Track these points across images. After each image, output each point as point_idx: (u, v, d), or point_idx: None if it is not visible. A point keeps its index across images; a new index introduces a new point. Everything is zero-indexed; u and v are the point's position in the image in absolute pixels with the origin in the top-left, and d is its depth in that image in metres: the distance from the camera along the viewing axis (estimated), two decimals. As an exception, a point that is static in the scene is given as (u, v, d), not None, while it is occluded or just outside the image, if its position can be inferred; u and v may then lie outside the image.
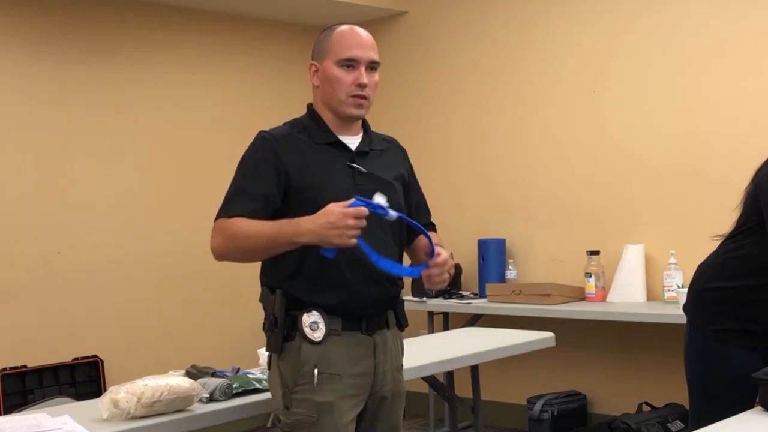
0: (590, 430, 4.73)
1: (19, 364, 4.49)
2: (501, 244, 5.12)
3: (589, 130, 4.88)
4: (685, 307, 2.68)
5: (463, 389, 4.66)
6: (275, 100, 5.58)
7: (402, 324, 2.43)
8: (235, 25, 5.47)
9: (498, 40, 5.23)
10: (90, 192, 4.84)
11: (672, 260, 4.38)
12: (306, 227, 2.09)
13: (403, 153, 2.53)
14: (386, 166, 2.40)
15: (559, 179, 4.98)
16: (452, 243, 5.26)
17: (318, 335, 2.22)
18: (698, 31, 4.50)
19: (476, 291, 5.11)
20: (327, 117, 2.35)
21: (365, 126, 2.42)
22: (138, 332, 4.94)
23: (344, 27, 2.35)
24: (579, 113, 4.92)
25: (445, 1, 5.45)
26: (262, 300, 2.34)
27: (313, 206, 2.15)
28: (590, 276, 4.63)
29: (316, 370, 2.21)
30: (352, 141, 2.36)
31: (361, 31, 2.35)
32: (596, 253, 4.65)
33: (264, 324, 2.31)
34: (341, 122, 2.34)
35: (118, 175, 4.95)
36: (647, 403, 4.58)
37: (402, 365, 2.45)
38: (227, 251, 2.22)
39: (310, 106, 2.40)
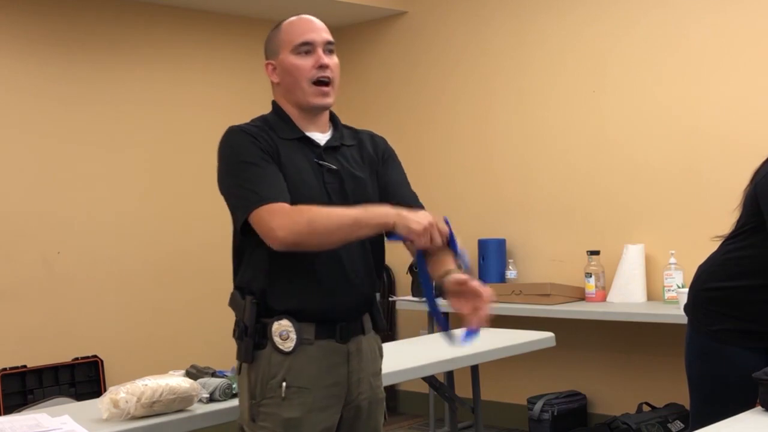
0: (590, 430, 4.74)
1: (19, 364, 4.50)
2: (501, 244, 5.12)
3: (590, 130, 4.87)
4: (686, 308, 2.68)
5: (463, 389, 4.66)
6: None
7: (379, 327, 2.33)
8: (236, 25, 5.47)
9: (498, 40, 5.23)
10: (90, 192, 4.84)
11: (672, 260, 4.38)
12: (393, 210, 2.06)
13: (376, 144, 2.35)
14: (358, 161, 2.27)
15: (560, 179, 4.98)
16: (452, 243, 5.26)
17: (289, 345, 2.12)
18: (699, 32, 4.50)
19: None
20: (292, 112, 2.23)
21: (335, 121, 2.31)
22: (138, 332, 4.94)
23: (291, 18, 2.26)
24: (579, 113, 4.91)
25: (444, 1, 5.45)
26: (231, 304, 2.22)
27: None
28: (590, 276, 4.63)
29: (284, 384, 2.11)
30: (321, 138, 2.24)
31: (310, 17, 2.26)
32: (596, 253, 4.65)
33: (234, 331, 2.20)
34: (307, 116, 2.22)
35: (118, 175, 4.95)
36: (647, 403, 4.58)
37: (380, 370, 2.34)
38: (300, 237, 2.02)
39: (274, 103, 2.28)
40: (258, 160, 2.12)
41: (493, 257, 5.06)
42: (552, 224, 5.03)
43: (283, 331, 2.12)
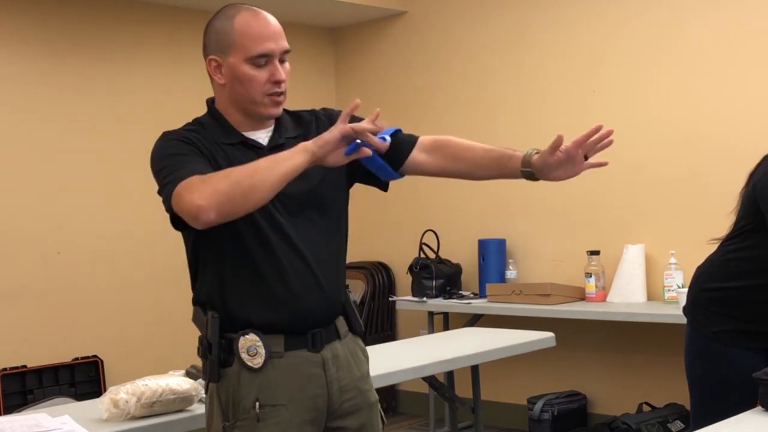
0: (590, 430, 4.74)
1: (19, 364, 4.49)
2: (501, 244, 5.12)
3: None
4: (685, 309, 2.68)
5: (463, 389, 4.66)
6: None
7: (356, 330, 2.14)
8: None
9: (497, 41, 5.23)
10: (90, 192, 4.84)
11: (672, 260, 4.38)
12: (305, 142, 1.90)
13: (321, 123, 2.11)
14: None
15: (559, 179, 4.97)
16: (452, 243, 5.27)
17: (258, 361, 1.96)
18: (699, 32, 4.50)
19: (476, 291, 5.11)
20: (234, 117, 2.04)
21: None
22: (138, 332, 4.94)
23: (245, 13, 2.00)
24: (579, 113, 4.91)
25: (444, 1, 5.45)
26: (194, 320, 2.06)
27: None
28: (590, 276, 4.63)
29: (257, 403, 1.95)
30: (263, 136, 2.04)
31: (267, 16, 2.01)
32: (596, 253, 4.65)
33: (198, 349, 2.05)
34: (251, 121, 2.04)
35: (118, 175, 4.94)
36: (647, 403, 4.58)
37: (367, 373, 2.15)
38: (223, 197, 1.80)
39: (210, 104, 2.10)
40: (183, 150, 1.95)
41: (493, 257, 5.06)
42: (552, 224, 5.03)
43: (251, 347, 1.96)
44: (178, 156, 1.94)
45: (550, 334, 3.86)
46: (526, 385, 5.06)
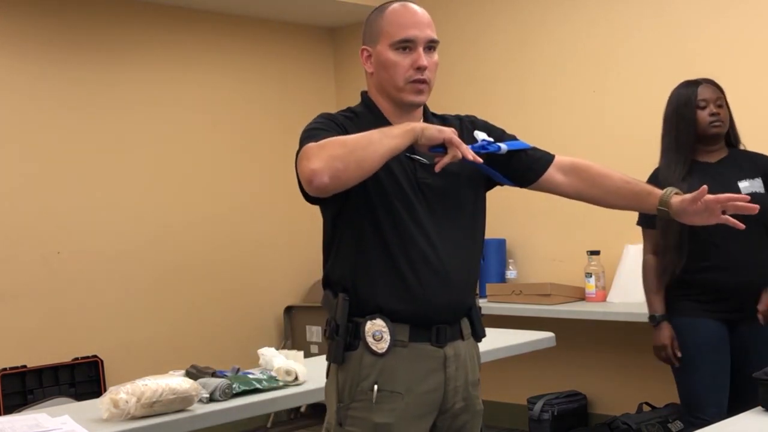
0: (590, 430, 4.74)
1: (19, 364, 4.50)
2: (501, 244, 5.12)
3: (590, 129, 4.87)
4: None
5: (463, 389, 4.66)
6: (276, 101, 5.59)
7: (479, 334, 2.18)
8: (237, 25, 5.47)
9: (499, 41, 5.23)
10: (90, 192, 4.84)
11: (672, 260, 4.38)
12: (416, 122, 1.98)
13: (463, 129, 2.19)
14: None
15: (559, 179, 4.98)
16: (452, 243, 5.26)
17: (382, 346, 1.99)
18: (700, 33, 4.50)
19: (476, 291, 5.10)
20: (383, 105, 2.11)
21: (425, 111, 2.18)
22: (138, 332, 4.94)
23: (396, 5, 2.11)
24: (579, 113, 4.92)
25: (446, 2, 5.45)
26: (323, 303, 2.10)
27: (364, 198, 1.99)
28: (590, 276, 4.63)
29: (375, 387, 1.98)
30: None
31: (416, 8, 2.11)
32: (596, 253, 4.65)
33: (325, 330, 2.10)
34: (399, 111, 2.10)
35: (118, 175, 4.95)
36: (647, 403, 4.58)
37: (479, 380, 2.17)
38: (335, 165, 1.82)
39: (364, 94, 2.16)
40: (324, 126, 2.00)
41: (493, 257, 5.05)
42: (552, 224, 5.03)
43: (377, 332, 2.00)
44: (316, 130, 1.98)
45: (550, 334, 3.86)
46: (526, 385, 5.06)
